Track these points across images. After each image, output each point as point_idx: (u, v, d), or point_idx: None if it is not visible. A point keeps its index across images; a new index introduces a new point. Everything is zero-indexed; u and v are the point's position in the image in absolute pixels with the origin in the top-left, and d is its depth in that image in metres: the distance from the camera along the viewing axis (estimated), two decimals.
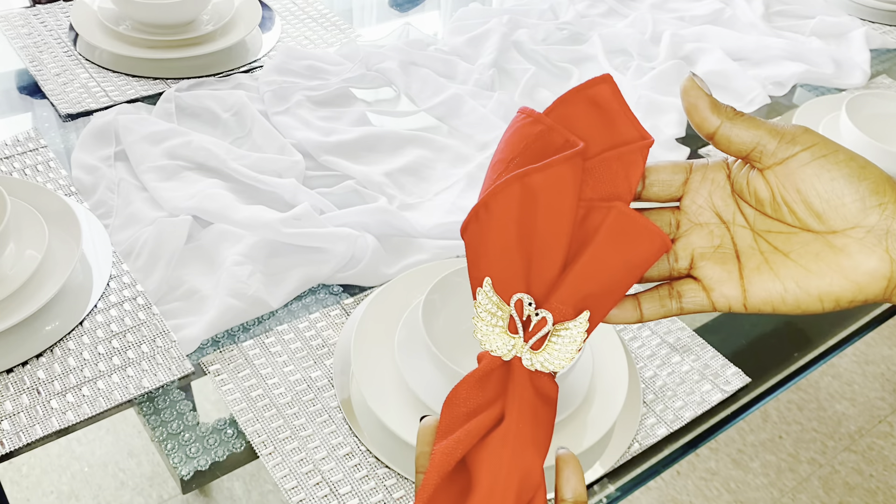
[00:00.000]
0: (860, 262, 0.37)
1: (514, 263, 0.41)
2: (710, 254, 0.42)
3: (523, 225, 0.41)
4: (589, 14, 1.21)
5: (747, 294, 0.40)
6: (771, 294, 0.39)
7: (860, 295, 0.38)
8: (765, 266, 0.40)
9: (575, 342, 0.41)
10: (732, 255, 0.41)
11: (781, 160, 0.38)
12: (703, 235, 0.42)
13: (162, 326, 0.69)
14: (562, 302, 0.41)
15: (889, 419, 1.63)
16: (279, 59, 1.01)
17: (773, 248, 0.40)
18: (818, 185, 0.37)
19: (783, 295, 0.39)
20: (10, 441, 0.60)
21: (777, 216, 0.40)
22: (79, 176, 0.83)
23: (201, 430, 0.64)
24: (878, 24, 1.28)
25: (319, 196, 0.82)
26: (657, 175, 0.42)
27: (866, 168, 0.37)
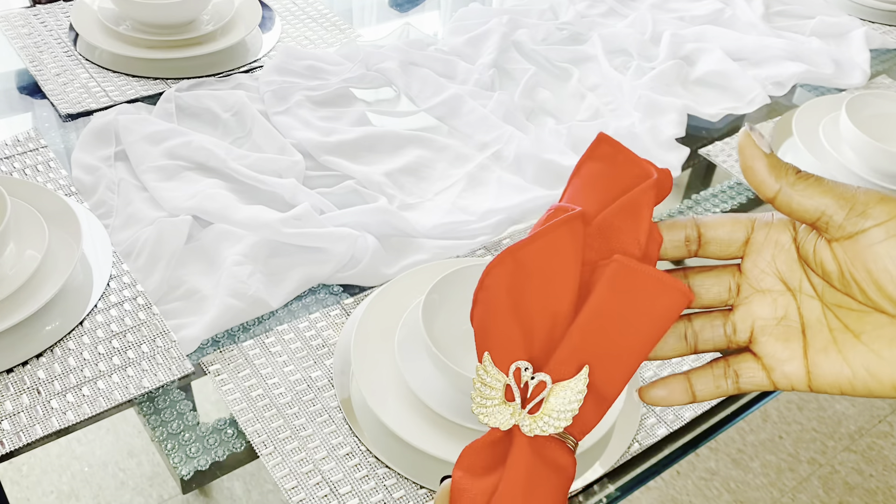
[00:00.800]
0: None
1: (512, 336, 0.40)
2: (773, 327, 0.37)
3: (519, 297, 0.40)
4: (589, 14, 1.21)
5: (812, 376, 0.36)
6: (839, 379, 0.35)
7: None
8: (832, 347, 0.35)
9: (574, 400, 0.38)
10: (798, 329, 0.37)
11: (850, 235, 0.33)
12: (765, 304, 0.37)
13: (162, 326, 0.69)
14: (561, 362, 0.39)
15: (889, 419, 1.63)
16: (279, 59, 1.01)
17: (843, 326, 0.35)
18: (892, 269, 0.32)
19: (852, 381, 0.35)
20: (10, 441, 0.60)
21: (847, 292, 0.35)
22: (79, 176, 0.83)
23: (201, 430, 0.64)
24: (878, 24, 1.28)
25: (319, 196, 0.82)
26: (715, 232, 0.38)
27: None
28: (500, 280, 0.40)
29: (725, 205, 0.90)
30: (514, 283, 0.40)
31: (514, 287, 0.40)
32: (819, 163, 0.92)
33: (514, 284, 0.40)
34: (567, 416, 0.38)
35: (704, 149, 0.97)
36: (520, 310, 0.40)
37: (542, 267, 0.40)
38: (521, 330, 0.40)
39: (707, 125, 1.02)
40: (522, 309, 0.40)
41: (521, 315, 0.40)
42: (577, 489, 0.62)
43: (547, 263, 0.39)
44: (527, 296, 0.40)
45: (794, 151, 0.97)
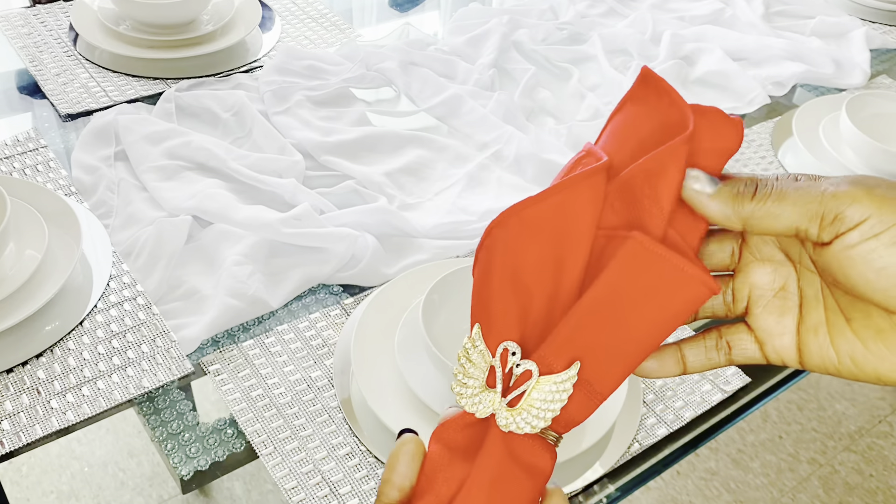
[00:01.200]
0: None
1: (508, 308, 0.36)
2: (770, 298, 0.36)
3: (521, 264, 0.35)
4: (589, 14, 1.21)
5: (802, 355, 0.35)
6: (825, 363, 0.34)
7: None
8: (823, 329, 0.34)
9: (557, 400, 0.34)
10: (795, 302, 0.35)
11: (827, 242, 0.31)
12: (765, 274, 0.36)
13: (162, 326, 0.69)
14: (552, 352, 0.35)
15: (889, 419, 1.63)
16: (279, 59, 1.01)
17: (837, 307, 0.34)
18: (867, 273, 0.31)
19: (838, 367, 0.34)
20: (9, 441, 0.60)
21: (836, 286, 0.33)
22: (79, 176, 0.83)
23: (201, 430, 0.64)
24: (878, 24, 1.28)
25: (319, 196, 0.82)
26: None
27: None
28: (501, 243, 0.35)
29: None
30: (517, 247, 0.35)
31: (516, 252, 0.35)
32: (819, 163, 0.92)
33: (516, 249, 0.35)
34: (546, 415, 0.35)
35: None
36: (520, 279, 0.35)
37: (550, 230, 0.35)
38: (518, 303, 0.36)
39: None
40: (523, 278, 0.35)
41: (521, 285, 0.35)
42: (577, 489, 0.62)
43: (556, 227, 0.35)
44: (529, 263, 0.35)
45: (794, 151, 0.97)
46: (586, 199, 0.34)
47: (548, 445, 0.36)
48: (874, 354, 0.33)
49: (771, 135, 1.00)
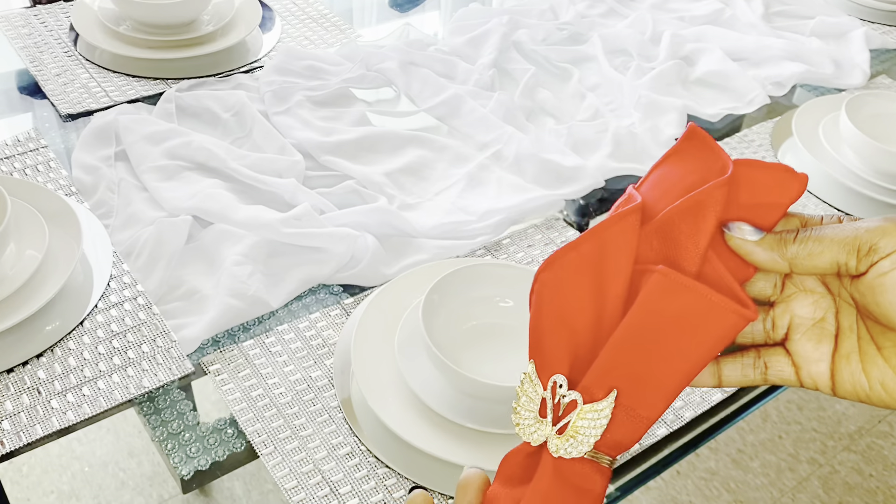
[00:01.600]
0: None
1: (558, 344, 0.39)
2: (809, 327, 0.38)
3: (567, 303, 0.39)
4: (589, 14, 1.21)
5: (835, 382, 0.37)
6: (857, 389, 0.36)
7: None
8: (855, 356, 0.36)
9: (598, 426, 0.37)
10: (832, 333, 0.37)
11: (863, 272, 0.34)
12: (806, 305, 0.38)
13: (162, 326, 0.69)
14: (593, 382, 0.38)
15: (889, 419, 1.63)
16: (279, 59, 1.01)
17: (870, 337, 0.36)
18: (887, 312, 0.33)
19: (868, 394, 0.36)
20: (10, 441, 0.60)
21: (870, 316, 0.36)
22: (79, 176, 0.83)
23: (201, 430, 0.64)
24: (878, 24, 1.28)
25: (319, 196, 0.82)
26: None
27: None
28: (548, 287, 0.39)
29: None
30: (562, 288, 0.39)
31: (562, 293, 0.39)
32: (819, 163, 0.92)
33: (561, 290, 0.39)
34: (590, 440, 0.37)
35: None
36: (566, 317, 0.39)
37: (590, 271, 0.38)
38: (566, 339, 0.39)
39: (707, 125, 1.02)
40: (569, 316, 0.39)
41: (568, 323, 0.39)
42: None
43: (595, 267, 0.38)
44: (573, 303, 0.38)
45: (793, 151, 0.97)
46: (621, 238, 0.37)
47: (600, 468, 0.38)
48: None
49: (771, 135, 1.00)
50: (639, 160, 0.93)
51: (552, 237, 0.82)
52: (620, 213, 0.38)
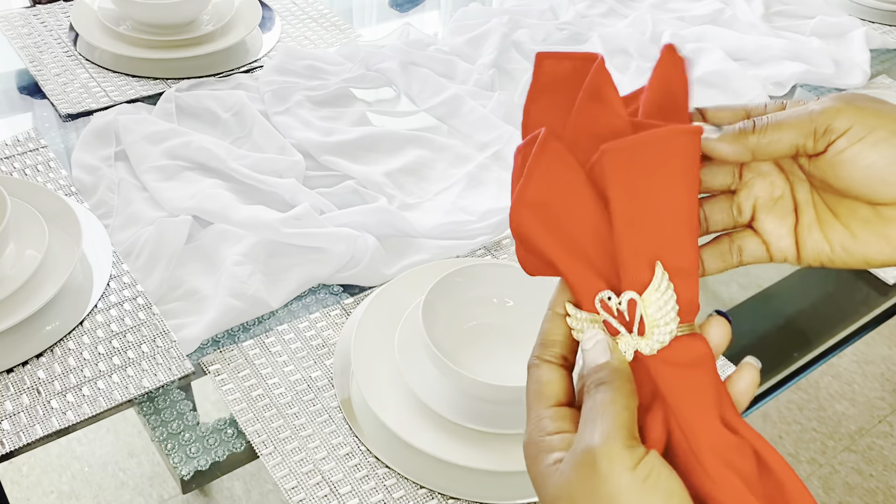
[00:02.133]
0: None
1: (577, 268, 0.39)
2: (771, 207, 0.41)
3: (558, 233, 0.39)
4: (589, 14, 1.21)
5: (801, 252, 0.40)
6: (820, 254, 0.40)
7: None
8: (815, 226, 0.40)
9: (669, 298, 0.37)
10: (791, 208, 0.40)
11: (821, 152, 0.37)
12: (764, 186, 0.41)
13: (162, 326, 0.69)
14: (632, 274, 0.37)
15: (889, 419, 1.63)
16: (279, 59, 1.01)
17: (826, 207, 0.39)
18: (855, 173, 0.36)
19: (831, 257, 0.40)
20: (10, 441, 0.60)
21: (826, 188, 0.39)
22: (79, 176, 0.83)
23: (201, 430, 0.64)
24: (878, 24, 1.28)
25: (319, 196, 0.82)
26: (719, 119, 0.41)
27: None
28: (531, 229, 0.39)
29: None
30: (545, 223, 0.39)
31: (547, 227, 0.39)
32: None
33: (545, 225, 0.39)
34: (671, 315, 0.37)
35: None
36: (566, 243, 0.39)
37: (554, 199, 0.38)
38: (581, 260, 0.39)
39: None
40: (567, 241, 0.39)
41: (570, 247, 0.39)
42: None
43: (555, 194, 0.39)
44: (563, 228, 0.39)
45: None
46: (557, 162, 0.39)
47: (693, 335, 0.38)
48: (862, 241, 0.38)
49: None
50: None
51: None
52: (537, 145, 0.39)
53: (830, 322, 0.78)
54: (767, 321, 0.78)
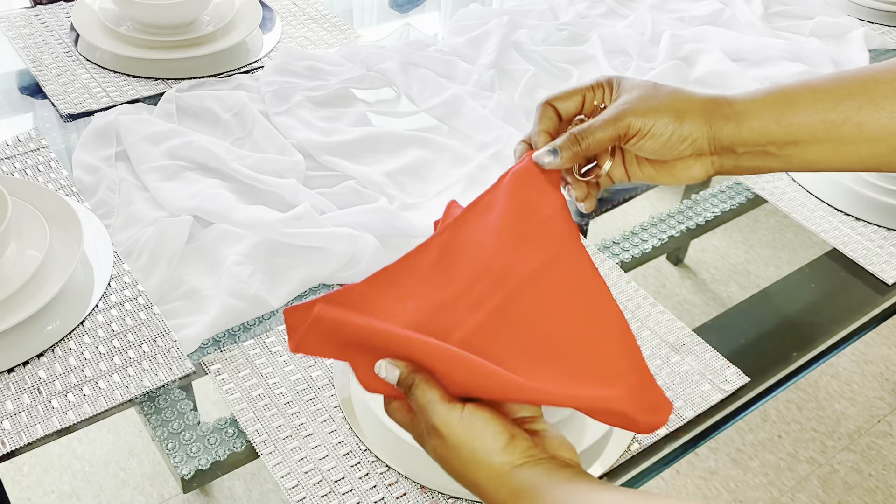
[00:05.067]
0: (691, 173, 0.54)
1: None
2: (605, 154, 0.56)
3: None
4: (588, 15, 1.21)
5: (629, 175, 0.57)
6: (641, 178, 0.56)
7: (691, 181, 0.55)
8: (634, 163, 0.56)
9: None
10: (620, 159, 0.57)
11: (628, 141, 0.53)
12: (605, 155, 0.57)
13: (163, 326, 0.69)
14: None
15: (888, 419, 1.64)
16: (280, 59, 1.01)
17: (635, 157, 0.56)
18: (645, 152, 0.53)
19: (643, 178, 0.56)
20: (11, 440, 0.60)
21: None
22: (80, 176, 0.83)
23: (202, 430, 0.64)
24: (877, 24, 1.28)
25: (320, 196, 0.82)
26: (566, 106, 0.56)
27: (682, 117, 0.51)
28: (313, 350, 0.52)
29: (724, 205, 0.90)
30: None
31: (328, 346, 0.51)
32: None
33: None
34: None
35: None
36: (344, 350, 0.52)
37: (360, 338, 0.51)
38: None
39: None
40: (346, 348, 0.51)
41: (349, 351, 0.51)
42: None
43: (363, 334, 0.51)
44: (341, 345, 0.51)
45: None
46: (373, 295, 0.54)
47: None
48: (661, 177, 0.56)
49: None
50: None
51: None
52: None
53: (830, 322, 0.78)
54: (767, 321, 0.78)
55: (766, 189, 0.92)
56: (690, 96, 0.52)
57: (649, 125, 0.51)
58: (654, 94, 0.52)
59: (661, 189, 0.92)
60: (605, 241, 0.83)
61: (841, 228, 0.87)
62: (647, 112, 0.51)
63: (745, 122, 0.51)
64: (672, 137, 0.51)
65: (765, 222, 0.97)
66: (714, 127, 0.51)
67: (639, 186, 0.91)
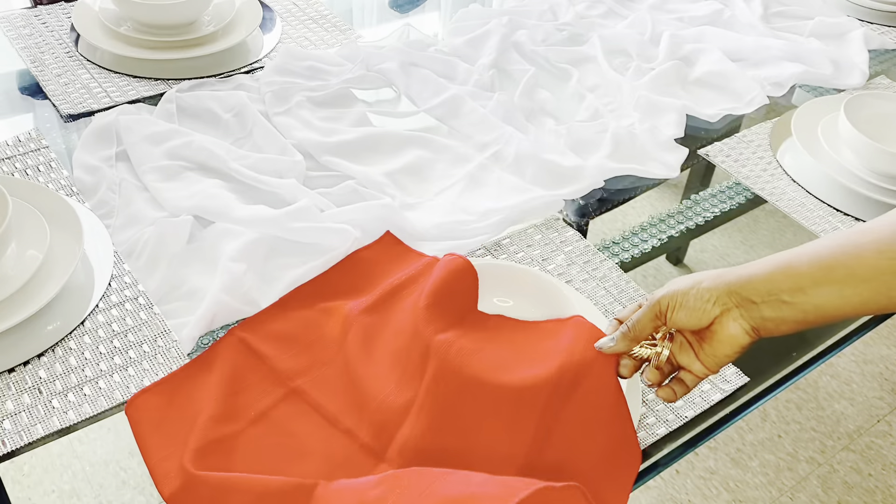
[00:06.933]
0: (730, 332, 0.58)
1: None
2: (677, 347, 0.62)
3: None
4: (588, 15, 1.21)
5: (697, 361, 0.61)
6: (703, 363, 0.60)
7: (737, 342, 0.59)
8: (691, 350, 0.61)
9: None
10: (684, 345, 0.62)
11: (664, 322, 0.60)
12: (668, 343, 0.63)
13: (163, 326, 0.69)
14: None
15: (887, 418, 1.64)
16: (280, 59, 1.01)
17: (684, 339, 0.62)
18: (680, 323, 0.59)
19: (706, 363, 0.60)
20: (11, 440, 0.60)
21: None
22: (80, 176, 0.83)
23: None
24: (877, 24, 1.28)
25: (320, 196, 0.82)
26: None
27: (700, 280, 0.58)
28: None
29: (724, 205, 0.90)
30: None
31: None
32: (818, 163, 0.93)
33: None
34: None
35: (703, 149, 0.97)
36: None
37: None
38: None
39: (706, 126, 1.02)
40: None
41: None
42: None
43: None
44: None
45: (792, 152, 0.97)
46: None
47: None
48: (711, 346, 0.60)
49: (769, 135, 1.00)
50: (638, 160, 0.93)
51: (552, 237, 0.82)
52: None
53: None
54: None
55: (766, 189, 0.92)
56: (706, 272, 0.60)
57: (677, 296, 0.58)
58: (679, 279, 0.60)
59: (661, 189, 0.92)
60: (605, 241, 0.83)
61: (841, 228, 0.87)
62: (672, 286, 0.59)
63: (755, 275, 0.57)
64: (696, 299, 0.57)
65: (765, 222, 0.97)
66: (728, 280, 0.57)
67: (639, 186, 0.91)
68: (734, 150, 0.98)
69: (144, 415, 0.60)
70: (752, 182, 0.93)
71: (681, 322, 0.58)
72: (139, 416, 0.60)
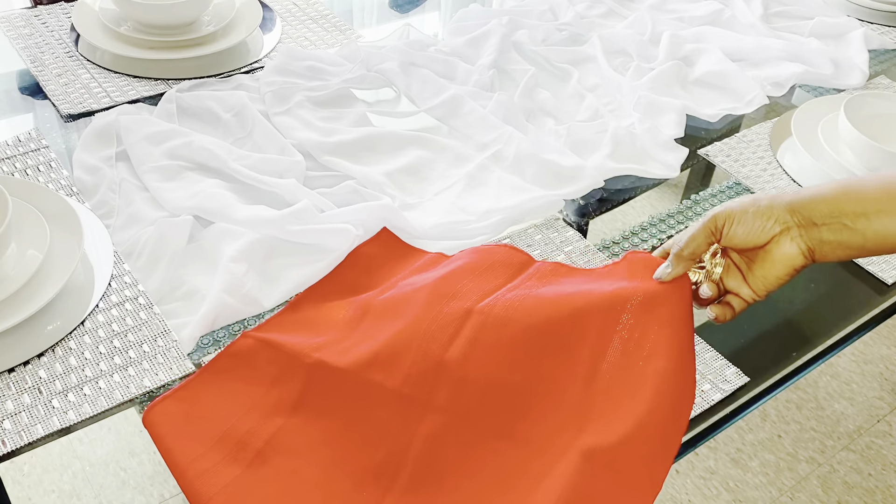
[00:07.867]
0: (785, 250, 0.58)
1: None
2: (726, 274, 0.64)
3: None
4: (588, 15, 1.21)
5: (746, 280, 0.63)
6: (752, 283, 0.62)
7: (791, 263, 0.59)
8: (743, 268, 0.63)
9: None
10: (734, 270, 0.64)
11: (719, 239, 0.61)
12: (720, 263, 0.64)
13: (163, 326, 0.69)
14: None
15: (887, 418, 1.64)
16: (280, 59, 1.01)
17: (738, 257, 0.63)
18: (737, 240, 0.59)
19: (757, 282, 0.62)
20: (11, 440, 0.60)
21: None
22: (80, 176, 0.83)
23: None
24: (877, 24, 1.28)
25: (320, 196, 0.82)
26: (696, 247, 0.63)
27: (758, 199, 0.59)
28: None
29: None
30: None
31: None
32: (818, 163, 0.93)
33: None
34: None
35: (703, 149, 0.97)
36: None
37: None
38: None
39: (706, 125, 1.02)
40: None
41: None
42: None
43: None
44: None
45: (792, 152, 0.97)
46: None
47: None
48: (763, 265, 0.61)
49: (769, 135, 1.00)
50: (638, 160, 0.93)
51: (552, 237, 0.82)
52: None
53: (829, 321, 0.78)
54: (767, 321, 0.78)
55: (766, 189, 0.92)
56: (761, 193, 0.61)
57: (734, 213, 0.58)
58: (732, 200, 0.60)
59: (661, 189, 0.92)
60: (605, 241, 0.83)
61: None
62: (728, 205, 0.58)
63: (818, 196, 0.57)
64: (756, 216, 0.57)
65: None
66: (789, 200, 0.57)
67: (639, 186, 0.91)
68: (734, 150, 0.98)
69: (165, 422, 0.60)
70: (752, 182, 0.93)
71: (737, 238, 0.57)
72: (159, 424, 0.60)
